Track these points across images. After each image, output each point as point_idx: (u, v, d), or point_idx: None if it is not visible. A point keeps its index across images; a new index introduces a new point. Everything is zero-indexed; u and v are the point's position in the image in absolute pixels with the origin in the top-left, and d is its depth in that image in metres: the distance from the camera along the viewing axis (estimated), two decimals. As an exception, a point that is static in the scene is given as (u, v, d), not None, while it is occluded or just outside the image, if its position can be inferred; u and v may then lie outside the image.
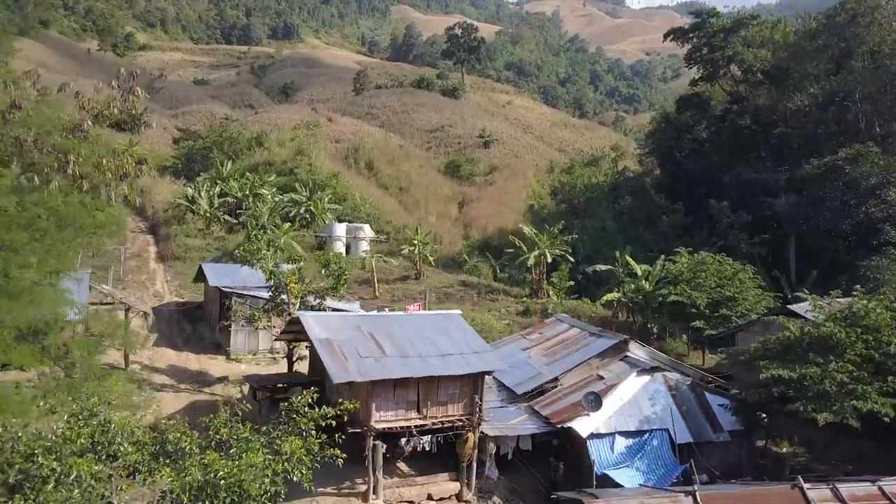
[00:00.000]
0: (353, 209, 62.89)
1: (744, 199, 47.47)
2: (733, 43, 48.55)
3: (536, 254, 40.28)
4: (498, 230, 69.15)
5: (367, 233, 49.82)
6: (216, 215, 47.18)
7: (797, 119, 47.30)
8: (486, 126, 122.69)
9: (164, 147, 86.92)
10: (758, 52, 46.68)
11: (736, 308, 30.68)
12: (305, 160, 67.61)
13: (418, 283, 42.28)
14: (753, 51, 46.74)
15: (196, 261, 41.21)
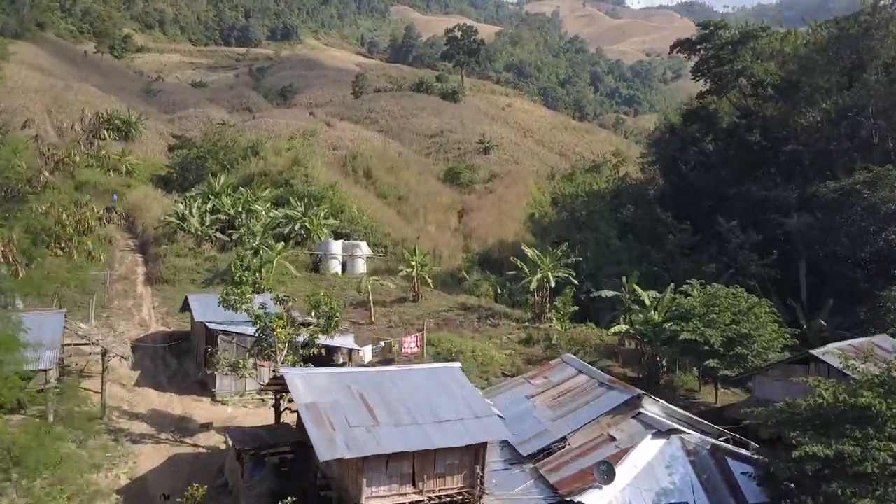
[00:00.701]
0: (350, 222, 61.35)
1: (752, 216, 45.99)
2: (742, 56, 46.98)
3: (539, 277, 38.78)
4: (498, 242, 67.65)
5: (363, 250, 48.29)
6: (207, 233, 45.63)
7: (808, 134, 45.74)
8: (486, 130, 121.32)
9: (158, 154, 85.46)
10: (768, 66, 45.09)
11: (752, 346, 29.15)
12: (302, 170, 66.09)
13: (416, 305, 40.78)
14: (763, 64, 45.17)
15: (186, 283, 39.73)
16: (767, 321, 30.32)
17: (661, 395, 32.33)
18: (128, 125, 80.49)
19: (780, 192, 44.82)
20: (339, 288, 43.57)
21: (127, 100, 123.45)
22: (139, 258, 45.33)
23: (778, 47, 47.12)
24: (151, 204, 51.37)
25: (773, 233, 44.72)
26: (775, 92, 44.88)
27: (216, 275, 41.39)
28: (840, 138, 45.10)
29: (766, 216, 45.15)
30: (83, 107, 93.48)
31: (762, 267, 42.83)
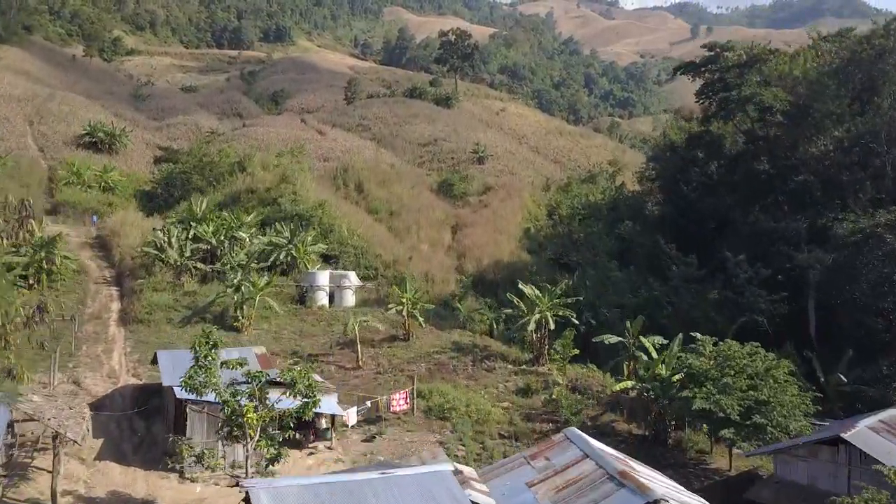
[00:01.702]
0: (339, 243, 59.13)
1: (760, 246, 43.92)
2: (749, 80, 44.89)
3: (537, 317, 36.70)
4: (493, 262, 65.54)
5: (352, 280, 46.09)
6: (187, 265, 43.36)
7: (818, 162, 43.66)
8: (480, 138, 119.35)
9: (143, 167, 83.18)
10: (777, 92, 43.01)
11: (771, 414, 26.97)
12: (290, 188, 63.84)
13: (407, 345, 38.59)
14: (772, 90, 43.10)
15: (162, 323, 37.43)
16: (787, 386, 28.15)
17: (669, 457, 30.36)
18: (112, 138, 78.07)
19: (789, 222, 42.65)
20: (326, 323, 41.41)
21: (115, 106, 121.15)
22: (114, 292, 42.87)
23: (786, 70, 45.08)
24: (130, 230, 48.99)
25: (782, 266, 42.63)
26: (784, 118, 42.85)
27: (195, 312, 39.06)
28: (852, 167, 43.04)
29: (774, 247, 43.08)
30: (67, 117, 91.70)
31: (771, 303, 40.77)
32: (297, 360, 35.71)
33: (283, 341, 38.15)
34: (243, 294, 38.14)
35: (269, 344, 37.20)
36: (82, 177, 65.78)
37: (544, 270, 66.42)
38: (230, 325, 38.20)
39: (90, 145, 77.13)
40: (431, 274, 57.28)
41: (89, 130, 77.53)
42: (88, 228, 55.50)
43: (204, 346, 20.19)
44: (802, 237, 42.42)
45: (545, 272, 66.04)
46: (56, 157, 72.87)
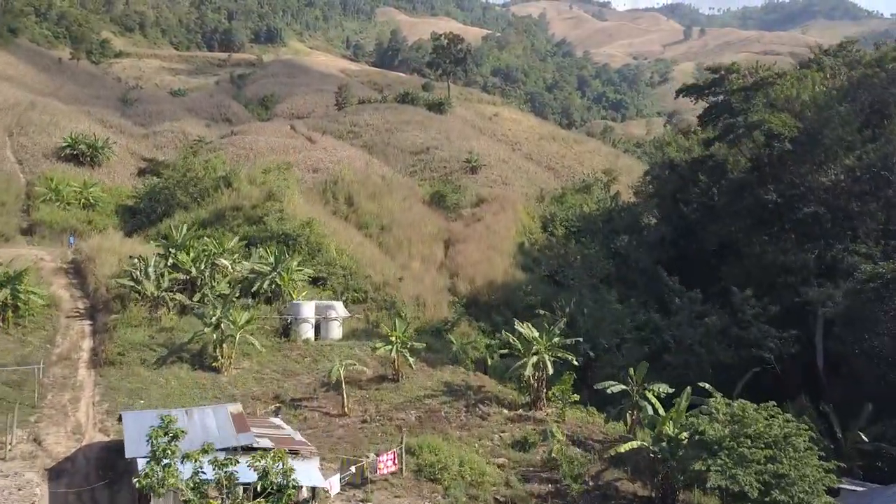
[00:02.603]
0: (327, 264, 57.09)
1: (766, 276, 41.98)
2: (756, 106, 42.93)
3: (535, 360, 34.69)
4: (487, 282, 63.56)
5: (339, 311, 43.97)
6: (164, 298, 41.09)
7: (828, 192, 41.74)
8: (474, 146, 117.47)
9: (127, 179, 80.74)
10: (786, 119, 41.08)
11: (791, 489, 24.88)
12: (276, 205, 61.74)
13: (396, 387, 36.43)
14: (780, 116, 41.17)
15: (135, 365, 35.10)
16: (809, 456, 26.07)
17: (677, 521, 28.39)
18: (94, 150, 75.67)
19: (798, 255, 40.60)
20: (311, 359, 39.19)
21: (101, 112, 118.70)
22: (87, 327, 40.40)
23: (793, 94, 43.19)
24: (107, 256, 46.40)
25: (790, 300, 40.67)
26: (792, 144, 40.97)
27: (172, 351, 36.80)
28: (862, 196, 41.17)
29: (780, 279, 41.12)
30: (48, 127, 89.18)
31: (780, 340, 38.82)
32: (280, 406, 33.65)
33: (265, 382, 35.99)
34: (223, 332, 36.01)
35: (250, 385, 35.11)
36: (61, 193, 63.42)
37: (539, 289, 64.56)
38: (209, 364, 36.09)
39: (71, 158, 74.71)
40: (423, 298, 55.26)
41: (70, 143, 75.11)
42: (65, 251, 53.10)
43: (161, 438, 18.06)
44: (811, 270, 40.51)
45: (540, 291, 64.18)
46: (35, 171, 70.47)
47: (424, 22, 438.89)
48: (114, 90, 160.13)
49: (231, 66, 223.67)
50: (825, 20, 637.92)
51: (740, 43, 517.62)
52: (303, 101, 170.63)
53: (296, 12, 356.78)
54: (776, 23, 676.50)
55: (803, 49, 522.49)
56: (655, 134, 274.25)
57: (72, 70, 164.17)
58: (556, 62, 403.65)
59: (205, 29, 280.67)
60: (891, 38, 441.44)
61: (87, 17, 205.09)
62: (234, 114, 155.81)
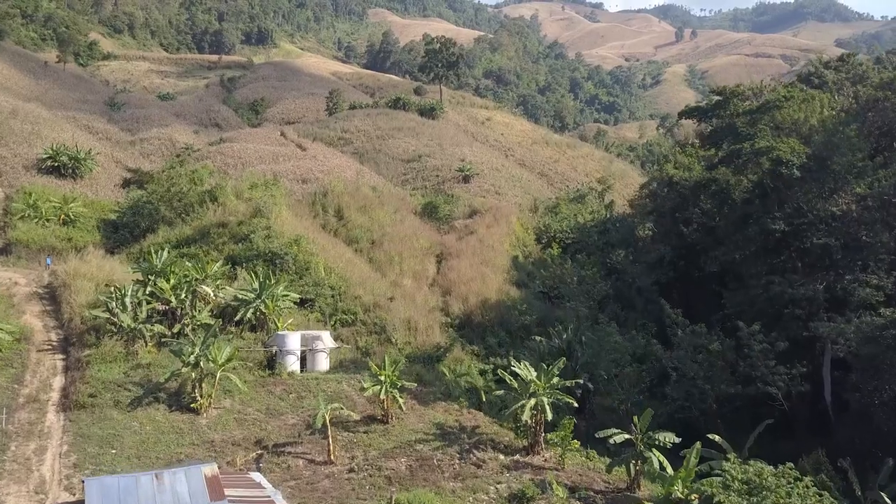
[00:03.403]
0: (315, 285, 55.20)
1: (772, 306, 40.22)
2: (763, 131, 41.11)
3: (532, 403, 32.82)
4: (481, 301, 61.71)
5: (326, 342, 42.03)
6: (142, 331, 38.95)
7: (838, 220, 40.00)
8: (466, 154, 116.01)
9: (111, 191, 78.47)
10: (794, 145, 39.25)
11: (814, 567, 23.31)
12: (263, 222, 59.77)
13: (385, 430, 34.41)
14: (789, 142, 39.34)
15: (108, 407, 32.95)
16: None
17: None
18: (76, 162, 73.42)
19: (807, 287, 38.71)
20: (297, 395, 37.17)
21: (87, 118, 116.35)
22: (59, 362, 38.14)
23: (801, 118, 41.45)
24: (83, 283, 44.07)
25: (798, 334, 38.91)
26: (800, 171, 39.22)
27: (148, 390, 34.71)
28: (874, 226, 39.39)
29: (788, 310, 39.35)
30: (29, 137, 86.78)
31: (788, 378, 37.06)
32: (262, 453, 31.71)
33: (247, 424, 33.99)
34: (202, 370, 34.04)
35: (230, 428, 33.11)
36: (40, 209, 61.11)
37: (534, 307, 62.90)
38: (187, 404, 34.10)
39: (52, 170, 72.32)
40: (414, 321, 53.36)
41: (51, 154, 72.79)
42: (41, 273, 50.83)
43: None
44: (821, 304, 38.80)
45: (535, 308, 62.52)
46: (14, 185, 68.07)
47: (416, 23, 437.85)
48: (101, 94, 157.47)
49: (221, 69, 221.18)
50: (816, 22, 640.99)
51: (731, 45, 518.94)
52: (293, 106, 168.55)
53: (287, 13, 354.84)
54: (767, 24, 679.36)
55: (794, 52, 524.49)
56: (648, 137, 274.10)
57: (58, 73, 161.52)
58: (548, 64, 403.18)
59: (195, 30, 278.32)
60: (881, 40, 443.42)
61: (74, 19, 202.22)
62: (223, 119, 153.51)
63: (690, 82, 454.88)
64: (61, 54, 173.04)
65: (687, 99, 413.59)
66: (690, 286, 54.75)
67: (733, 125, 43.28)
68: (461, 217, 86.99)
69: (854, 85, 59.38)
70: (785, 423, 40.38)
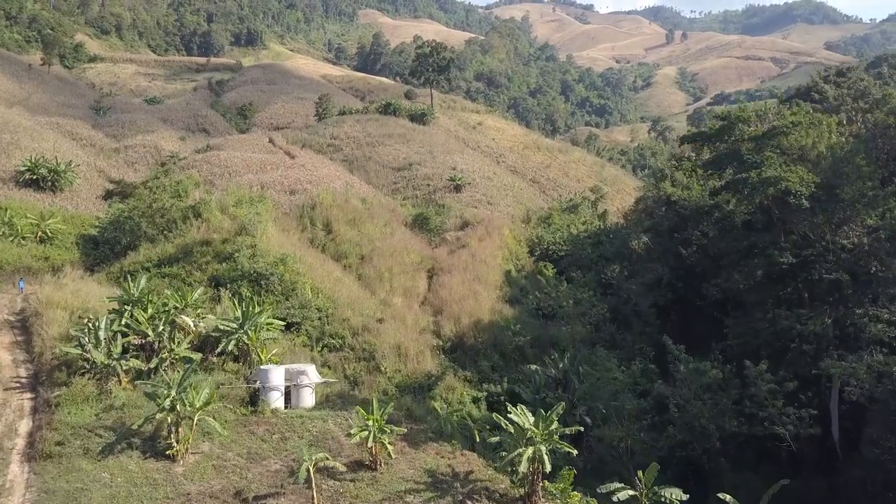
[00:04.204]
0: (301, 307, 53.29)
1: (778, 339, 38.53)
2: (770, 159, 39.27)
3: (530, 453, 31.00)
4: (473, 322, 59.86)
5: (311, 377, 40.00)
6: (116, 369, 36.76)
7: (849, 253, 38.27)
8: (458, 162, 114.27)
9: (92, 203, 76.24)
10: (803, 174, 37.41)
11: None
12: (248, 240, 57.77)
13: (374, 478, 32.33)
14: (797, 171, 37.44)
15: (77, 457, 30.56)
16: None
17: None
18: (55, 174, 71.20)
19: (814, 319, 36.92)
20: (280, 436, 35.09)
21: (71, 123, 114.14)
22: (28, 403, 35.74)
23: (809, 144, 39.70)
24: (57, 311, 41.85)
25: (806, 371, 37.20)
26: (810, 202, 37.47)
27: (121, 436, 32.51)
28: (886, 258, 37.67)
29: (794, 344, 37.63)
30: (8, 147, 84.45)
31: (798, 421, 35.31)
32: (241, 507, 29.71)
33: (226, 472, 31.86)
34: (179, 414, 31.99)
35: (208, 478, 31.03)
36: (15, 227, 58.89)
37: (528, 325, 61.26)
38: (162, 451, 31.99)
39: (31, 183, 70.06)
40: (405, 347, 51.49)
41: (30, 166, 70.54)
42: (14, 297, 48.54)
43: None
44: (830, 340, 37.09)
45: (529, 327, 60.85)
46: (-9, 199, 65.93)
47: (407, 24, 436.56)
48: (86, 97, 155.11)
49: (210, 71, 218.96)
50: (805, 24, 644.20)
51: (722, 47, 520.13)
52: (282, 111, 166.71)
53: (277, 14, 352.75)
54: (757, 26, 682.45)
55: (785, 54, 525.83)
56: (640, 141, 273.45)
57: (42, 76, 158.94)
58: (539, 66, 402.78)
59: (183, 32, 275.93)
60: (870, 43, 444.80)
61: (60, 20, 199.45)
62: (211, 124, 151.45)
63: (681, 84, 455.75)
64: (46, 57, 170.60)
65: (678, 101, 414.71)
66: (689, 309, 53.08)
67: (738, 151, 41.60)
68: (453, 229, 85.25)
69: (855, 101, 57.99)
70: (790, 458, 38.79)
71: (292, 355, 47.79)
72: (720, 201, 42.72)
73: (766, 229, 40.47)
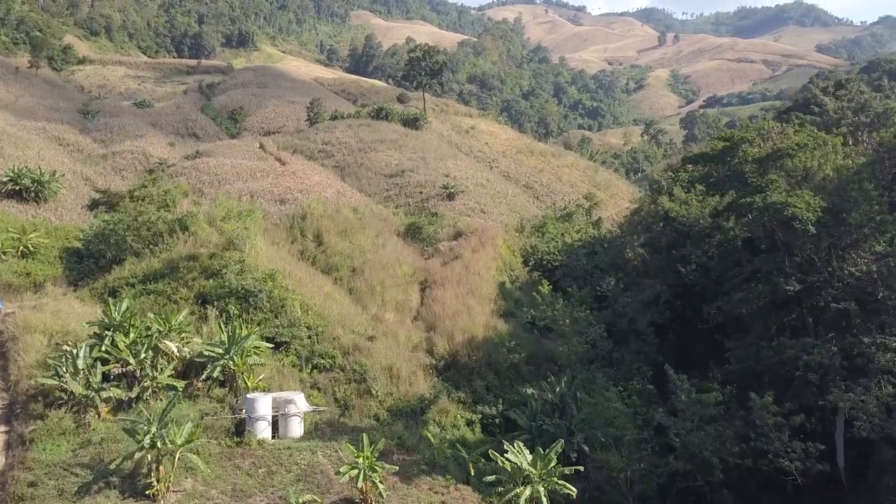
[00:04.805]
0: (290, 325, 51.84)
1: (782, 367, 37.27)
2: (775, 183, 37.90)
3: (528, 494, 29.70)
4: (467, 340, 58.36)
5: (299, 406, 38.53)
6: (94, 401, 35.11)
7: (858, 281, 37.04)
8: (450, 168, 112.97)
9: (77, 214, 74.38)
10: (809, 200, 36.11)
11: None
12: (236, 255, 56.29)
13: (365, 519, 31.20)
14: (804, 196, 36.09)
15: (52, 498, 29.07)
16: None
17: None
18: (39, 185, 69.45)
19: (823, 355, 35.52)
20: (266, 470, 33.60)
21: (57, 128, 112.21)
22: (1, 436, 34.38)
23: (815, 166, 38.46)
24: (35, 336, 40.17)
25: (812, 402, 35.96)
26: (816, 228, 36.25)
27: (98, 474, 30.99)
28: (894, 285, 36.37)
29: (800, 373, 36.35)
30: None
31: (804, 453, 34.11)
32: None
33: (207, 514, 30.55)
34: (159, 451, 30.52)
35: (191, 517, 29.71)
36: (-10, 246, 57.01)
37: (523, 340, 59.94)
38: (142, 490, 30.52)
39: (14, 194, 68.19)
40: (397, 368, 50.06)
41: (12, 177, 68.72)
42: (-8, 318, 46.88)
43: None
44: (837, 370, 35.85)
45: (524, 342, 59.53)
46: (-28, 212, 64.06)
47: (399, 26, 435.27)
48: (74, 101, 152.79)
49: (200, 73, 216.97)
50: (797, 27, 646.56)
51: (714, 50, 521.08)
52: (273, 115, 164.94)
53: (269, 16, 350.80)
54: (749, 28, 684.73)
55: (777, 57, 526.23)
56: (633, 144, 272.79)
57: (30, 79, 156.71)
58: (532, 68, 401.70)
59: (174, 33, 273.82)
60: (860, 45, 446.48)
61: (48, 22, 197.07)
62: (201, 128, 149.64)
63: (673, 87, 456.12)
64: (34, 59, 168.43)
65: (670, 103, 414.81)
66: (688, 327, 51.87)
67: (742, 173, 40.32)
68: (446, 239, 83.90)
69: (856, 114, 56.87)
70: (795, 489, 37.59)
71: (280, 377, 46.41)
72: (721, 222, 41.41)
73: (769, 252, 39.26)
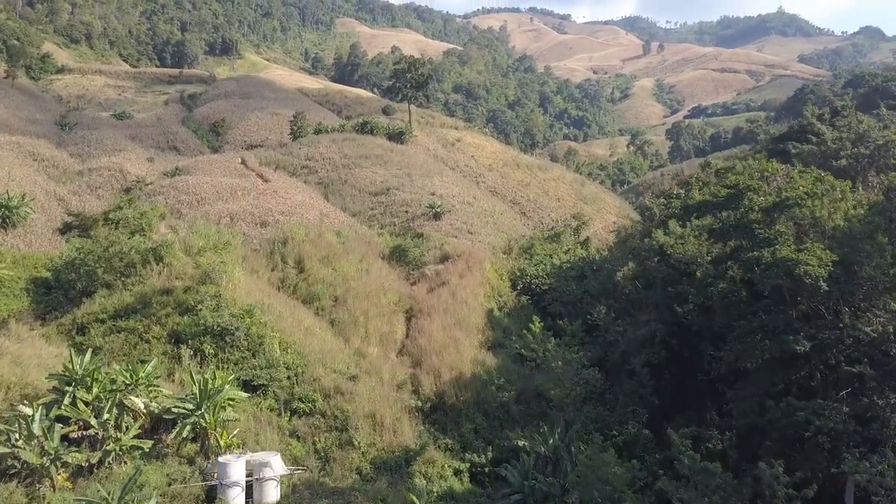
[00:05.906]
0: (268, 366, 49.32)
1: (790, 427, 35.11)
2: (785, 235, 35.74)
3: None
4: (455, 378, 55.89)
5: (275, 468, 35.94)
6: (49, 470, 32.28)
7: (873, 343, 34.86)
8: (437, 185, 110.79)
9: (48, 239, 71.26)
10: (821, 254, 33.91)
11: None
12: (213, 290, 53.71)
13: None
14: (815, 251, 33.91)
15: None
16: None
17: None
18: (7, 210, 66.36)
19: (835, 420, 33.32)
20: (239, 545, 31.36)
21: (32, 143, 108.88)
22: (-50, 508, 31.71)
23: (825, 216, 36.38)
24: None
25: (821, 466, 33.78)
26: (827, 283, 34.16)
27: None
28: (908, 340, 34.42)
29: (809, 434, 34.22)
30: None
31: (818, 528, 32.03)
32: None
33: None
34: (121, 531, 28.00)
35: None
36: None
37: (513, 376, 57.49)
38: (103, 572, 28.03)
39: (-20, 217, 65.29)
40: (380, 416, 47.55)
41: (-23, 207, 65.58)
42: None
43: None
44: (850, 436, 33.71)
45: (514, 377, 57.22)
46: None
47: (385, 34, 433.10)
48: (52, 112, 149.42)
49: (182, 83, 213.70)
50: (779, 36, 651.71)
51: (698, 59, 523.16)
52: (256, 127, 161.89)
53: (253, 23, 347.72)
54: (732, 38, 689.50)
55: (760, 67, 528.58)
56: (619, 156, 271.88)
57: (6, 90, 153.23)
58: (518, 78, 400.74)
59: (156, 41, 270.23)
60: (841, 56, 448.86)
61: (26, 30, 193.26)
62: (182, 141, 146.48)
63: (658, 96, 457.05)
64: (11, 69, 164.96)
65: (655, 113, 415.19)
66: (685, 367, 49.72)
67: (748, 224, 38.22)
68: (432, 262, 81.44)
69: (855, 145, 55.11)
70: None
71: (258, 425, 43.99)
72: (726, 271, 39.32)
73: (775, 302, 37.20)
